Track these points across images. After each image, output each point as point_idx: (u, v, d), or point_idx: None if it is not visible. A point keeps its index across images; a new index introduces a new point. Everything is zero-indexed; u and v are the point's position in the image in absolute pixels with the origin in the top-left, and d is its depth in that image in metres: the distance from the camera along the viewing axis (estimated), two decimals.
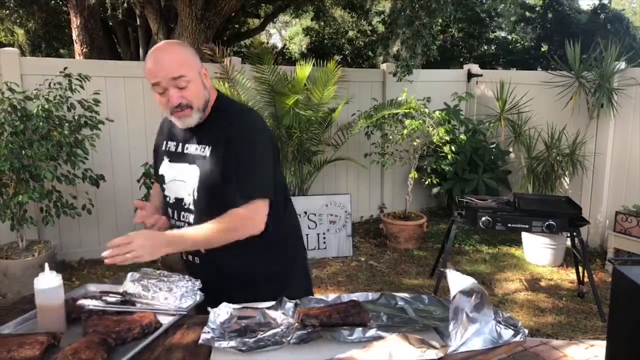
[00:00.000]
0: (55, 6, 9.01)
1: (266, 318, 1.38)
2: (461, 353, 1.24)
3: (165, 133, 1.71)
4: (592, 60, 4.22)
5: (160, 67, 1.47)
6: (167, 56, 1.49)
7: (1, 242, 3.72)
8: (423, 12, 4.53)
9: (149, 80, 1.51)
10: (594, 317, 3.29)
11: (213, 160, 1.53)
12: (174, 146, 1.65)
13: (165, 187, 1.65)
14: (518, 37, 11.62)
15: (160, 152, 1.70)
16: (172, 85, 1.48)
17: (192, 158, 1.58)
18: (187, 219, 1.61)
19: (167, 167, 1.65)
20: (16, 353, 1.19)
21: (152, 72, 1.48)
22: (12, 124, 3.29)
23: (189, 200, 1.59)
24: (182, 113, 1.51)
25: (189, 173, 1.58)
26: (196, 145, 1.57)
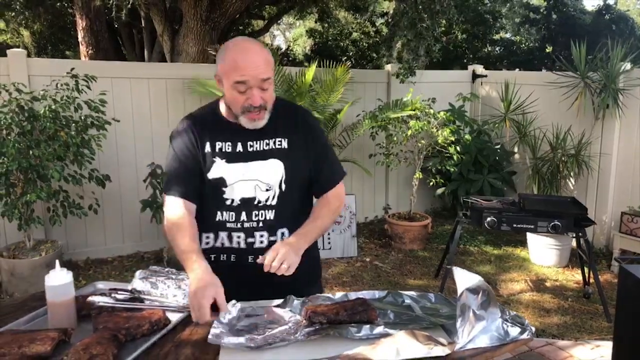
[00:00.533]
0: (61, 8, 9.06)
1: (274, 315, 1.39)
2: (468, 350, 1.25)
3: (204, 134, 1.58)
4: (598, 60, 4.21)
5: (254, 66, 1.44)
6: (258, 56, 1.46)
7: (8, 241, 3.75)
8: (426, 14, 4.54)
9: (230, 78, 1.45)
10: (599, 318, 3.28)
11: (295, 152, 1.57)
12: (229, 146, 1.56)
13: (225, 190, 1.55)
14: (522, 38, 11.61)
15: (206, 154, 1.56)
16: (257, 85, 1.46)
17: (267, 153, 1.55)
18: (263, 216, 1.56)
19: (224, 168, 1.55)
20: (27, 349, 1.20)
21: (242, 69, 1.43)
22: (19, 124, 3.32)
23: (267, 196, 1.56)
24: (258, 115, 1.49)
25: (265, 169, 1.55)
26: (268, 140, 1.56)
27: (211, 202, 1.57)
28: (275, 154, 1.56)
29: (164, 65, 5.84)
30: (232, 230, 1.56)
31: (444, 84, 5.53)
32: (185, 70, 4.54)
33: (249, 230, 1.56)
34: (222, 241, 1.58)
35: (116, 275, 3.90)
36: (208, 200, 1.57)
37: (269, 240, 1.56)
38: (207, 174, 1.55)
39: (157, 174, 3.76)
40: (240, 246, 1.56)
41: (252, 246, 1.56)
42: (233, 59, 1.45)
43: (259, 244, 1.56)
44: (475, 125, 5.29)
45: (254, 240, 1.56)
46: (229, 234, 1.57)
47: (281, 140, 1.57)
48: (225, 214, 1.56)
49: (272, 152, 1.56)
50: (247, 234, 1.56)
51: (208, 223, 1.58)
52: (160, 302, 1.46)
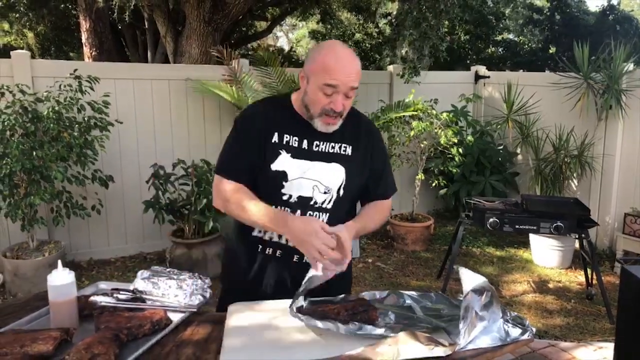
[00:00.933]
0: (65, 10, 9.10)
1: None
2: (469, 350, 1.25)
3: (273, 124, 1.56)
4: (601, 61, 4.21)
5: (347, 72, 1.44)
6: (353, 65, 1.47)
7: (12, 242, 3.77)
8: (430, 14, 4.54)
9: (320, 78, 1.45)
10: (602, 319, 3.27)
11: (357, 160, 1.59)
12: (295, 141, 1.54)
13: (285, 184, 1.53)
14: (525, 39, 11.58)
15: (272, 144, 1.53)
16: (344, 92, 1.46)
17: (331, 156, 1.56)
18: (317, 218, 1.55)
19: (289, 163, 1.53)
20: (29, 348, 1.21)
21: (335, 73, 1.43)
22: (23, 126, 3.34)
23: (324, 198, 1.55)
24: (333, 120, 1.50)
25: (327, 171, 1.55)
26: (334, 144, 1.56)
27: (268, 193, 1.54)
28: (339, 159, 1.56)
29: (166, 66, 5.86)
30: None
31: (446, 84, 5.53)
32: (188, 72, 4.55)
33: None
34: (271, 235, 1.57)
35: (119, 276, 3.91)
36: (265, 192, 1.54)
37: None
38: (270, 164, 1.52)
39: (160, 175, 3.77)
40: (288, 243, 1.55)
41: None
42: (328, 61, 1.45)
43: None
44: (477, 126, 5.28)
45: None
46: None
47: (346, 146, 1.58)
48: (281, 209, 1.54)
49: (336, 156, 1.56)
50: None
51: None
52: (161, 302, 1.47)
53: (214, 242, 3.87)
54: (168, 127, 4.40)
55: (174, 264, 3.74)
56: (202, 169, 3.82)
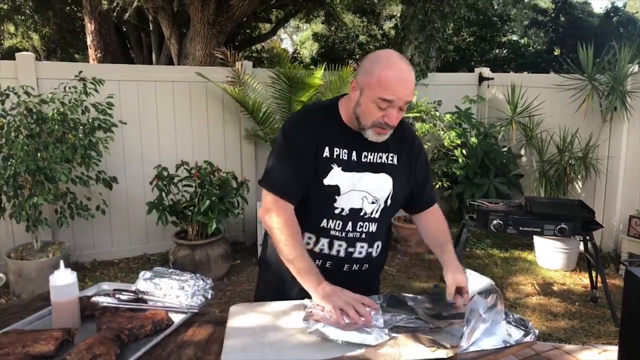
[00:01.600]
0: (70, 12, 9.16)
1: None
2: (471, 352, 1.24)
3: (323, 137, 1.52)
4: (605, 63, 4.19)
5: (403, 88, 1.42)
6: (409, 79, 1.44)
7: (16, 243, 3.78)
8: (436, 16, 4.55)
9: (377, 92, 1.42)
10: (607, 322, 3.25)
11: (403, 168, 1.60)
12: (345, 154, 1.52)
13: (337, 198, 1.52)
14: (530, 40, 11.56)
15: (324, 159, 1.51)
16: (399, 106, 1.44)
17: (379, 167, 1.55)
18: (367, 228, 1.57)
19: (341, 176, 1.51)
20: (31, 348, 1.21)
21: (393, 88, 1.40)
22: (28, 127, 3.35)
23: (372, 208, 1.56)
24: (385, 131, 1.49)
25: (376, 182, 1.55)
26: (381, 154, 1.56)
27: (320, 208, 1.53)
28: (386, 169, 1.56)
29: (170, 68, 5.87)
30: (335, 238, 1.55)
31: (450, 86, 5.52)
32: (192, 73, 4.56)
33: (352, 240, 1.56)
34: (322, 247, 1.57)
35: (122, 277, 3.92)
36: (317, 206, 1.53)
37: (367, 252, 1.59)
38: (323, 179, 1.50)
39: (163, 176, 3.78)
40: (339, 255, 1.57)
41: (351, 256, 1.58)
42: (386, 76, 1.41)
43: (358, 254, 1.58)
44: (481, 128, 5.27)
45: (353, 250, 1.58)
46: (331, 241, 1.56)
47: (393, 155, 1.58)
48: (332, 222, 1.54)
49: (384, 166, 1.56)
50: (348, 243, 1.56)
51: (311, 226, 1.55)
52: (163, 303, 1.47)
53: (217, 244, 3.87)
54: (172, 128, 4.42)
55: (177, 265, 3.74)
56: (205, 170, 3.83)
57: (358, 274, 1.59)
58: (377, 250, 1.63)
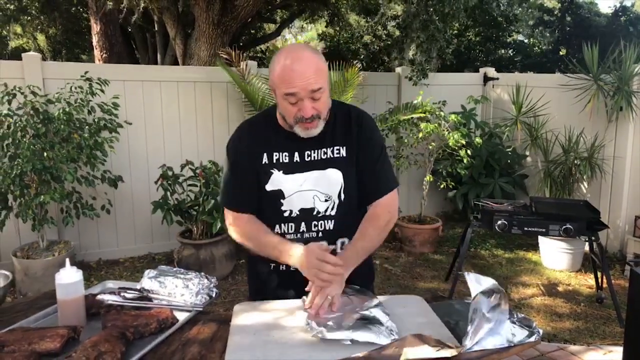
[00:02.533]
0: (76, 13, 9.20)
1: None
2: (475, 352, 1.24)
3: (260, 145, 1.54)
4: (611, 62, 4.17)
5: (300, 77, 1.37)
6: (307, 66, 1.39)
7: (22, 242, 3.81)
8: (437, 17, 4.54)
9: (280, 89, 1.41)
10: (612, 323, 3.24)
11: (352, 160, 1.54)
12: (286, 156, 1.52)
13: (283, 202, 1.53)
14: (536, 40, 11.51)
15: (263, 165, 1.53)
16: (308, 96, 1.40)
17: (325, 163, 1.52)
18: (322, 227, 1.55)
19: (282, 180, 1.52)
20: (37, 345, 1.22)
21: (289, 81, 1.38)
22: (34, 127, 3.37)
23: (326, 206, 1.53)
24: (311, 124, 1.44)
25: (324, 179, 1.52)
26: (326, 149, 1.52)
27: (269, 214, 1.54)
28: (334, 163, 1.53)
29: (175, 68, 5.89)
30: (292, 240, 1.54)
31: (455, 86, 5.51)
32: (196, 73, 4.58)
33: (309, 240, 1.53)
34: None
35: (127, 276, 3.93)
36: (266, 213, 1.55)
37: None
38: (265, 185, 1.52)
39: (168, 176, 3.80)
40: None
41: None
42: (282, 69, 1.40)
43: None
44: (486, 128, 5.26)
45: None
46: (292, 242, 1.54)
47: (339, 148, 1.53)
48: (284, 225, 1.55)
49: (331, 161, 1.53)
50: (306, 243, 1.53)
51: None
52: (168, 301, 1.48)
53: (222, 243, 3.88)
54: (177, 128, 4.43)
55: (182, 265, 3.75)
56: (210, 170, 3.84)
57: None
58: (343, 247, 1.56)
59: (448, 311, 1.49)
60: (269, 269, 1.60)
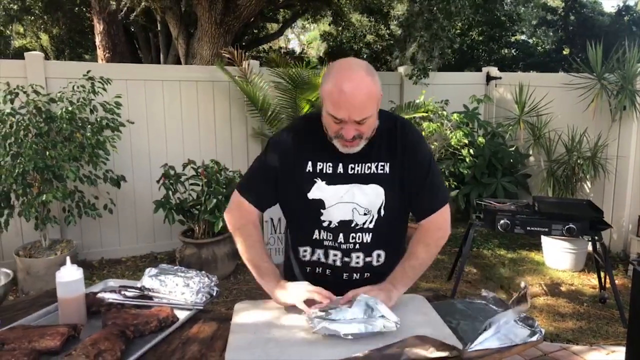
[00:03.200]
0: (79, 13, 9.22)
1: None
2: (476, 351, 1.24)
3: (306, 152, 1.53)
4: (615, 61, 4.15)
5: (350, 109, 1.35)
6: (359, 96, 1.35)
7: (25, 241, 3.81)
8: (441, 15, 4.52)
9: (326, 106, 1.39)
10: (615, 323, 3.22)
11: (396, 176, 1.52)
12: (330, 167, 1.51)
13: (323, 212, 1.53)
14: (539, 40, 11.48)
15: (307, 173, 1.52)
16: (354, 121, 1.39)
17: (368, 178, 1.51)
18: (360, 239, 1.55)
19: (325, 190, 1.51)
20: (37, 343, 1.22)
21: (337, 105, 1.36)
22: (36, 126, 3.38)
23: (365, 219, 1.53)
24: (351, 144, 1.43)
25: (365, 193, 1.51)
26: (370, 164, 1.51)
27: (309, 221, 1.55)
28: (377, 179, 1.51)
29: (177, 67, 5.90)
30: (329, 248, 1.56)
31: (457, 86, 5.50)
32: (199, 73, 4.58)
33: (346, 250, 1.55)
34: (319, 256, 1.58)
35: (130, 275, 3.94)
36: (306, 219, 1.56)
37: (364, 261, 1.56)
38: (307, 193, 1.52)
39: (170, 175, 3.80)
40: (336, 264, 1.57)
41: (348, 265, 1.56)
42: (332, 93, 1.36)
43: (355, 263, 1.57)
44: (489, 128, 5.24)
45: (350, 260, 1.56)
46: (326, 251, 1.57)
47: (384, 164, 1.52)
48: (323, 233, 1.55)
49: (374, 176, 1.51)
50: (344, 253, 1.55)
51: (306, 238, 1.58)
52: (168, 300, 1.47)
53: (224, 242, 3.88)
54: (179, 127, 4.44)
55: (184, 264, 3.75)
56: (212, 169, 3.84)
57: (360, 282, 1.54)
58: (379, 260, 1.58)
59: (450, 310, 1.49)
60: (304, 273, 1.64)
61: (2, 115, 3.30)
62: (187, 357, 1.23)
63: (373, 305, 1.32)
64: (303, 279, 1.58)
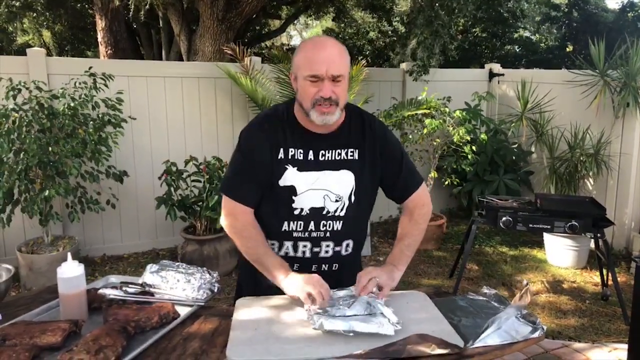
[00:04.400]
0: (82, 9, 9.22)
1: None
2: (477, 348, 1.24)
3: (277, 140, 1.54)
4: (618, 58, 4.13)
5: (324, 60, 1.44)
6: (331, 51, 1.46)
7: (27, 237, 3.82)
8: (443, 12, 4.50)
9: (303, 71, 1.47)
10: (617, 320, 3.22)
11: (365, 163, 1.57)
12: (300, 154, 1.53)
13: (294, 199, 1.53)
14: (542, 36, 11.43)
15: (278, 160, 1.53)
16: (329, 79, 1.45)
17: (339, 164, 1.55)
18: (330, 226, 1.56)
19: (296, 176, 1.53)
20: (39, 339, 1.22)
21: (314, 63, 1.44)
22: (39, 122, 3.38)
23: (336, 206, 1.55)
24: (328, 109, 1.46)
25: (336, 179, 1.54)
26: (340, 150, 1.55)
27: (279, 210, 1.54)
28: (347, 165, 1.55)
29: (179, 64, 5.90)
30: (299, 239, 1.56)
31: (460, 82, 5.48)
32: (200, 69, 4.57)
33: (316, 239, 1.55)
34: (287, 250, 1.58)
35: (131, 272, 3.94)
36: (276, 209, 1.54)
37: (333, 250, 1.58)
38: (278, 180, 1.52)
39: (172, 172, 3.80)
40: (305, 255, 1.57)
41: (317, 255, 1.57)
42: (306, 53, 1.48)
43: (324, 253, 1.57)
44: (491, 125, 5.23)
45: (319, 250, 1.57)
46: (295, 243, 1.57)
47: (353, 150, 1.56)
48: (293, 223, 1.55)
49: (344, 162, 1.55)
50: (313, 243, 1.56)
51: (273, 232, 1.57)
52: (169, 296, 1.48)
53: (226, 239, 3.89)
54: (180, 124, 4.43)
55: (186, 260, 3.76)
56: (213, 165, 3.84)
57: (329, 274, 1.53)
58: (347, 249, 1.60)
59: (451, 307, 1.48)
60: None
61: (5, 111, 3.31)
62: (188, 353, 1.23)
63: (374, 303, 1.32)
64: (267, 281, 1.54)
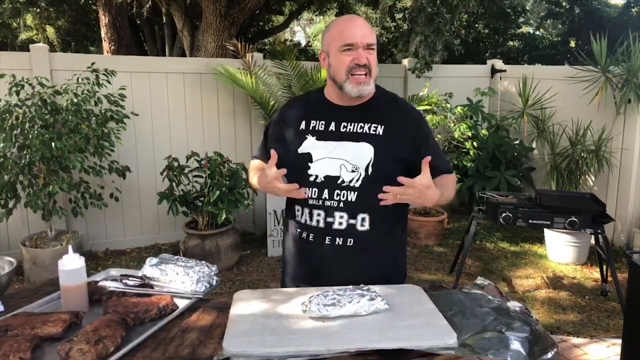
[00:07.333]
0: (85, 5, 9.24)
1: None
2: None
3: (303, 114, 1.66)
4: (619, 54, 4.12)
5: (360, 31, 1.53)
6: (365, 25, 1.56)
7: (31, 231, 3.86)
8: (444, 9, 4.49)
9: (337, 44, 1.54)
10: (616, 316, 3.23)
11: (391, 138, 1.58)
12: (322, 125, 1.61)
13: (310, 165, 1.59)
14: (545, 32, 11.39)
15: (298, 131, 1.63)
16: (363, 47, 1.53)
17: (359, 136, 1.58)
18: (345, 197, 1.56)
19: (314, 145, 1.59)
20: (40, 330, 1.24)
21: (348, 33, 1.53)
22: (42, 117, 3.41)
23: (352, 177, 1.56)
24: (364, 79, 1.54)
25: (354, 150, 1.56)
26: (362, 124, 1.59)
27: (296, 175, 1.57)
28: (368, 138, 1.57)
29: (182, 59, 5.91)
30: (314, 207, 1.58)
31: (462, 78, 5.48)
32: (203, 65, 4.59)
33: (329, 209, 1.57)
34: (305, 218, 1.61)
35: (134, 266, 3.98)
36: (294, 174, 1.57)
37: (348, 223, 1.56)
38: (297, 149, 1.61)
39: (174, 167, 3.82)
40: (319, 225, 1.58)
41: (331, 227, 1.57)
42: (340, 25, 1.57)
43: (338, 225, 1.57)
44: (493, 121, 5.23)
45: (332, 221, 1.57)
46: (310, 211, 1.59)
47: (377, 126, 1.59)
48: (308, 190, 1.58)
49: (365, 135, 1.57)
50: (327, 212, 1.57)
51: (293, 198, 1.65)
52: (168, 289, 1.50)
53: (227, 234, 3.91)
54: (182, 119, 4.46)
55: (188, 255, 3.78)
56: (215, 161, 3.86)
57: (343, 249, 1.56)
58: (363, 224, 1.57)
59: (447, 301, 1.49)
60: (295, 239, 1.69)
61: (9, 107, 3.33)
62: (185, 344, 1.25)
63: (368, 292, 1.35)
64: (293, 250, 1.68)
